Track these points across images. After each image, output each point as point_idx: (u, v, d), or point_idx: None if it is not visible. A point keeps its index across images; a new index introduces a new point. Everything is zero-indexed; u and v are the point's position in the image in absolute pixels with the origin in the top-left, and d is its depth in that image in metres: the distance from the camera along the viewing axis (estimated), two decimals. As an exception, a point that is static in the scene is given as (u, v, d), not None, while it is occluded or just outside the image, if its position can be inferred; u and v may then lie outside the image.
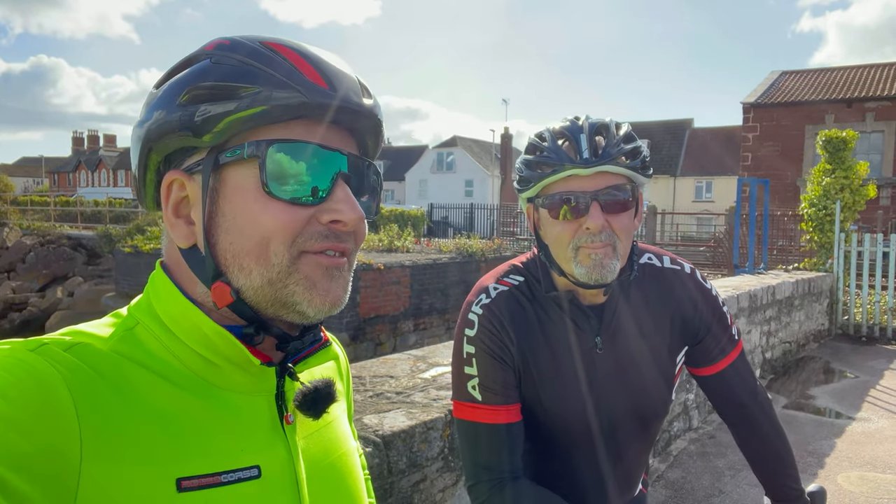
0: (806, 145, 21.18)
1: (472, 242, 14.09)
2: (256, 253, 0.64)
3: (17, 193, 30.99)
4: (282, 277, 0.64)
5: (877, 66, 23.06)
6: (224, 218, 0.65)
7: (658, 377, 1.32)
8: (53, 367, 0.57)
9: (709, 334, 1.36)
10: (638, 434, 1.34)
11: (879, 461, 4.38)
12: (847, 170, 9.16)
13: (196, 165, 0.66)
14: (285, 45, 0.66)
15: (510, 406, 1.22)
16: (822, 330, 8.70)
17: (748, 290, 6.17)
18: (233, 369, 0.67)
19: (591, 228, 1.15)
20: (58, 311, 16.99)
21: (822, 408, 5.65)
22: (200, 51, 0.68)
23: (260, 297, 0.65)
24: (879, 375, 6.67)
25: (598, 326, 1.27)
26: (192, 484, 0.60)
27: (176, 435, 0.61)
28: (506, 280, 1.30)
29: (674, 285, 1.34)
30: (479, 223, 28.07)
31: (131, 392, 0.61)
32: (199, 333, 0.66)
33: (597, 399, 1.27)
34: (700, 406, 5.05)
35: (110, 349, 0.63)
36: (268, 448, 0.68)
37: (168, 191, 0.68)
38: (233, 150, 0.64)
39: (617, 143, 1.16)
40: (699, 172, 39.44)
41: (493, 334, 1.23)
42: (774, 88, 23.19)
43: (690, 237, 22.42)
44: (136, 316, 0.68)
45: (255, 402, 0.69)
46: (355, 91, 0.67)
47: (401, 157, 52.56)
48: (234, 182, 0.65)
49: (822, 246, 9.36)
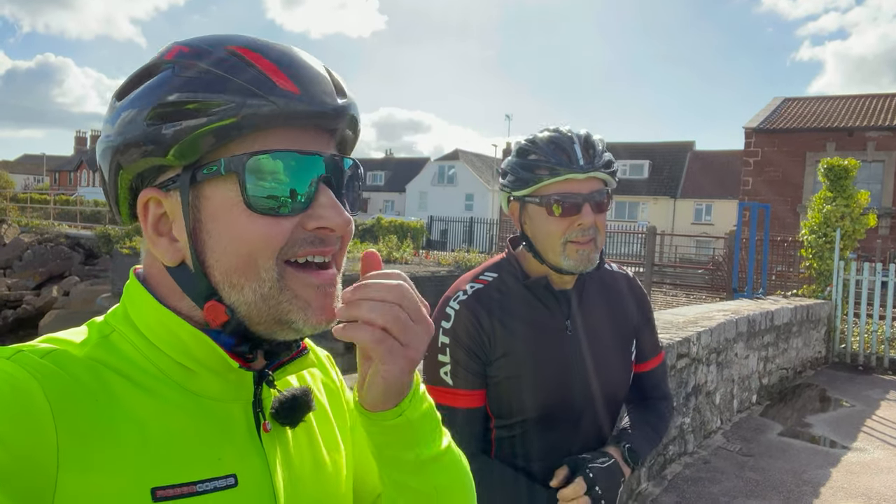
0: (806, 172, 21.25)
1: (470, 256, 14.08)
2: (244, 269, 0.62)
3: (17, 191, 30.98)
4: (274, 294, 0.63)
5: (878, 97, 23.21)
6: (209, 235, 0.63)
7: (620, 359, 1.51)
8: (30, 374, 0.56)
9: (641, 335, 1.58)
10: (604, 410, 1.48)
11: (874, 492, 4.35)
12: (848, 198, 9.18)
13: (170, 182, 0.64)
14: (251, 49, 0.63)
15: (476, 391, 1.39)
16: (819, 357, 8.68)
17: (747, 315, 6.15)
18: (209, 376, 0.66)
19: (584, 225, 1.34)
20: (52, 310, 16.91)
21: (818, 436, 5.62)
22: (160, 59, 0.64)
23: (254, 312, 0.64)
24: (875, 405, 6.64)
25: (568, 310, 1.45)
26: (167, 493, 0.59)
27: (151, 443, 0.60)
28: (481, 278, 1.47)
29: (623, 286, 1.58)
30: (479, 237, 28.07)
31: (108, 399, 0.60)
32: (176, 340, 0.65)
33: (569, 377, 1.42)
34: (696, 430, 5.01)
35: (86, 355, 0.62)
36: (245, 456, 0.67)
37: (145, 209, 0.66)
38: (209, 167, 0.62)
39: (602, 153, 1.38)
40: (699, 195, 39.54)
41: (467, 328, 1.38)
42: (776, 115, 23.31)
43: (689, 259, 22.40)
44: (112, 323, 0.67)
45: (232, 410, 0.68)
46: (328, 91, 0.64)
47: (402, 168, 52.69)
48: (215, 198, 0.62)
49: (821, 273, 9.36)
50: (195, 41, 0.64)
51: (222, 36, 0.65)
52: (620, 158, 41.76)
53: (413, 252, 15.45)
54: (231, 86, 0.60)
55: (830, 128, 21.30)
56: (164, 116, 0.61)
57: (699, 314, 5.95)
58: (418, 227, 24.62)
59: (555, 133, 1.38)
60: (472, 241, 27.64)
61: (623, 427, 1.50)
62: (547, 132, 1.40)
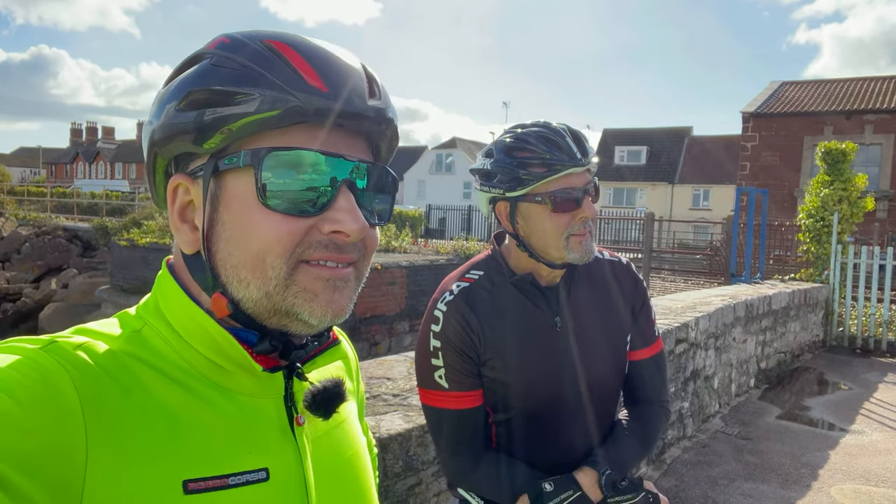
0: (805, 156, 21.24)
1: (469, 244, 14.08)
2: (253, 265, 0.62)
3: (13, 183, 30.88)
4: (279, 290, 0.62)
5: (876, 79, 23.15)
6: (223, 227, 0.63)
7: (612, 353, 1.48)
8: (62, 365, 0.56)
9: (636, 322, 1.53)
10: (599, 403, 1.46)
11: (873, 474, 4.38)
12: (846, 182, 9.18)
13: (199, 170, 0.65)
14: (288, 44, 0.63)
15: (473, 392, 1.38)
16: (817, 341, 8.71)
17: (745, 300, 6.17)
18: (240, 372, 0.67)
19: (586, 217, 1.33)
20: (52, 303, 16.91)
21: (816, 419, 5.65)
22: (204, 49, 0.66)
23: (259, 308, 0.64)
24: (873, 388, 6.67)
25: (557, 306, 1.43)
26: (198, 486, 0.59)
27: (183, 436, 0.60)
28: (467, 277, 1.45)
29: (616, 273, 1.54)
30: (477, 225, 28.06)
31: (139, 392, 0.60)
32: (207, 336, 0.65)
33: (559, 374, 1.41)
34: (695, 415, 5.04)
35: (118, 349, 0.62)
36: (276, 450, 0.67)
37: (174, 194, 0.67)
38: (230, 158, 0.62)
39: (589, 145, 1.37)
40: (697, 180, 39.49)
41: (456, 330, 1.37)
42: (774, 98, 23.26)
43: (687, 245, 22.43)
44: (144, 317, 0.67)
45: (263, 405, 0.68)
46: (359, 92, 0.63)
47: (399, 156, 52.49)
48: (233, 190, 0.63)
49: (818, 257, 9.37)
50: (239, 34, 0.65)
51: (266, 31, 0.65)
52: (618, 145, 42.08)
53: (412, 241, 15.42)
54: (262, 80, 0.61)
55: (828, 111, 21.27)
56: (195, 104, 0.62)
57: (697, 299, 5.97)
58: (416, 215, 24.59)
59: (544, 128, 1.35)
60: (471, 229, 27.62)
61: (609, 441, 1.45)
62: (534, 127, 1.36)
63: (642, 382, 1.54)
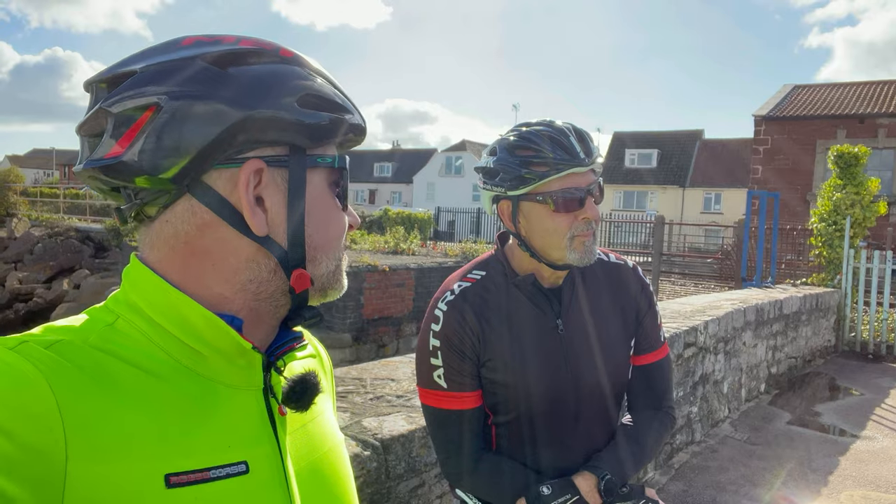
0: (817, 160, 21.06)
1: (478, 247, 14.07)
2: (327, 248, 0.73)
3: (27, 185, 31.16)
4: (340, 269, 0.75)
5: (889, 83, 22.93)
6: (309, 215, 0.70)
7: (615, 357, 1.46)
8: (34, 365, 0.56)
9: (641, 326, 1.51)
10: (603, 406, 1.46)
11: (883, 481, 4.33)
12: (858, 186, 9.10)
13: (279, 158, 0.68)
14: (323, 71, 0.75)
15: (472, 393, 1.38)
16: (829, 346, 8.63)
17: (755, 304, 6.13)
18: (219, 360, 0.67)
19: (589, 218, 1.32)
20: (63, 303, 17.03)
21: (827, 425, 5.59)
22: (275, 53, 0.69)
23: (322, 283, 0.73)
24: (885, 394, 6.60)
25: (559, 309, 1.42)
26: (180, 480, 0.59)
27: (163, 430, 0.60)
28: (469, 277, 1.44)
29: (621, 277, 1.51)
30: (486, 228, 28.04)
31: (115, 388, 0.60)
32: (185, 322, 0.66)
33: (560, 377, 1.39)
34: (703, 419, 5.00)
35: (92, 345, 0.62)
36: (255, 443, 0.67)
37: (248, 178, 0.66)
38: (323, 157, 0.71)
39: (594, 145, 1.35)
40: (709, 183, 39.28)
41: (455, 330, 1.37)
42: (786, 102, 23.10)
43: (698, 248, 22.28)
44: (116, 310, 0.67)
45: (242, 397, 0.69)
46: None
47: (409, 159, 52.61)
48: (316, 184, 0.71)
49: (830, 262, 9.29)
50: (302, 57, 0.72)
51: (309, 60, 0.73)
52: (629, 147, 41.92)
53: (420, 243, 15.44)
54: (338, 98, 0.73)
55: (841, 115, 21.08)
56: (309, 104, 0.69)
57: (707, 303, 5.93)
58: (426, 218, 24.59)
59: (548, 127, 1.33)
60: (480, 231, 27.61)
61: (610, 446, 1.44)
62: (539, 126, 1.35)
63: (646, 387, 1.51)
